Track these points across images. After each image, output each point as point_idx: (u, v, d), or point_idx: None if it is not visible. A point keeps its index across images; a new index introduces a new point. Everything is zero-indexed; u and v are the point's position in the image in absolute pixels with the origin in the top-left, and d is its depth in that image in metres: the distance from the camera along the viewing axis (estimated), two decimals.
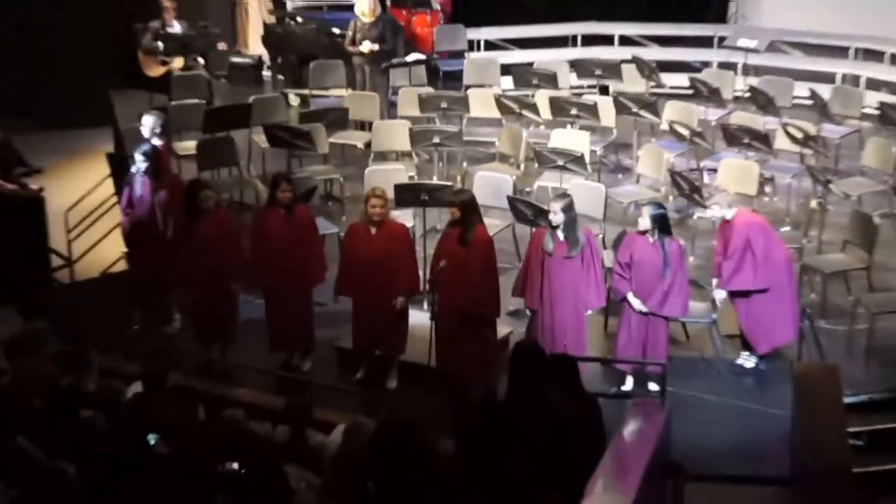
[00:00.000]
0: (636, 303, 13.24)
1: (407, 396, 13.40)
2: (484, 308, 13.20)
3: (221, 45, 22.53)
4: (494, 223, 15.75)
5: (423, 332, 13.53)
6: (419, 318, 13.89)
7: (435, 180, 17.48)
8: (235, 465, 9.78)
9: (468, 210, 13.21)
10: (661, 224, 13.22)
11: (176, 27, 21.36)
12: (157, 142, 15.23)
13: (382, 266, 13.43)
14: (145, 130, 15.76)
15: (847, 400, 12.39)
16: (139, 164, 14.78)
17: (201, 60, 21.43)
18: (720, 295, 13.80)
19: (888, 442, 13.10)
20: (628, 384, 13.41)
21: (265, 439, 10.78)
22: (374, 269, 13.44)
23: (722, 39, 22.51)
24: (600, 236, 15.22)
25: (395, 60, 20.32)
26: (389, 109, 19.92)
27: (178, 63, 21.18)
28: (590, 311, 13.31)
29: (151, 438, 9.91)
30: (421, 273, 14.13)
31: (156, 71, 21.26)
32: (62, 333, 12.83)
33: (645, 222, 13.19)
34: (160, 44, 21.21)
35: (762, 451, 12.69)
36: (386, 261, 13.43)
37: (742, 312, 13.74)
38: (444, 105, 19.12)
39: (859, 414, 12.96)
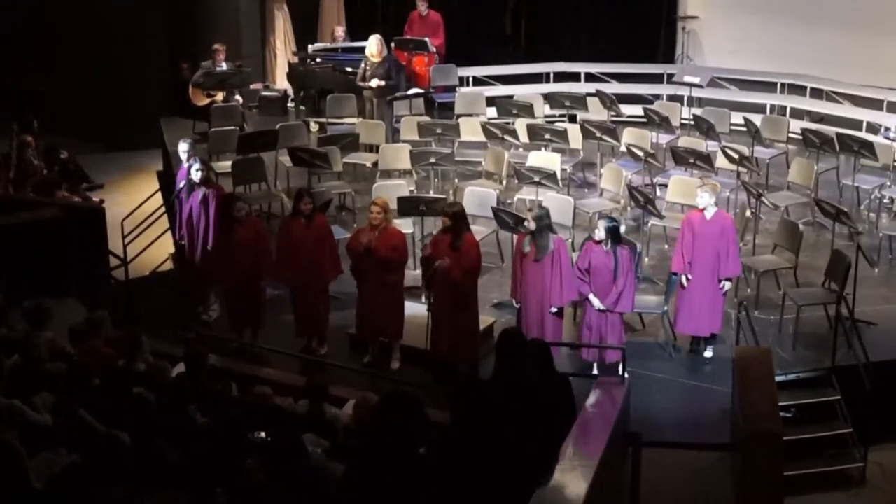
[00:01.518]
0: (595, 302, 13.16)
1: (408, 375, 13.29)
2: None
3: (255, 85, 22.51)
4: (481, 230, 15.75)
5: (421, 321, 13.45)
6: (418, 309, 13.77)
7: (431, 194, 17.41)
8: (263, 434, 9.67)
9: (458, 219, 13.17)
10: (614, 235, 13.13)
11: (223, 66, 21.32)
12: (195, 163, 15.13)
13: (379, 263, 13.37)
14: (180, 152, 15.75)
15: (778, 378, 12.32)
16: (195, 172, 14.89)
17: (239, 98, 21.37)
18: (728, 285, 13.68)
19: (812, 413, 13.07)
20: (595, 370, 13.27)
21: (288, 412, 10.68)
22: (375, 266, 13.40)
23: (671, 76, 22.39)
24: (569, 241, 15.11)
25: (398, 94, 20.29)
26: (393, 135, 19.84)
27: (219, 95, 21.14)
28: (554, 309, 13.14)
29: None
30: (417, 272, 14.01)
31: (202, 101, 21.22)
32: (118, 322, 12.72)
33: (601, 233, 13.10)
34: (203, 79, 21.18)
35: (707, 422, 12.66)
36: (382, 259, 13.36)
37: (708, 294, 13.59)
38: (438, 131, 19.09)
39: (788, 390, 12.95)
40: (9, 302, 12.73)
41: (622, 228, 14.40)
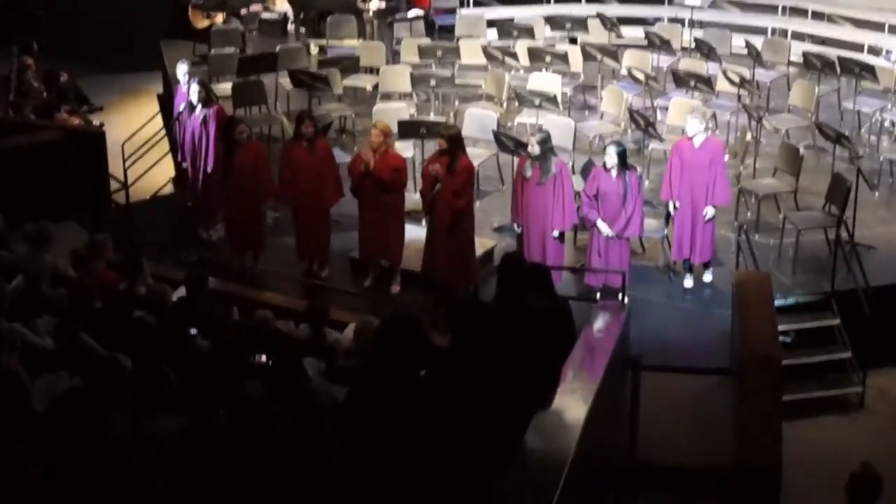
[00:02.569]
0: (605, 228, 13.06)
1: (408, 299, 13.29)
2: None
3: (256, 6, 22.38)
4: (481, 153, 15.73)
5: (422, 245, 13.47)
6: (419, 233, 13.75)
7: (432, 117, 17.36)
8: (264, 358, 9.68)
9: (454, 142, 13.09)
10: (623, 160, 13.04)
11: None
12: (193, 84, 15.08)
13: (379, 186, 13.34)
14: (179, 74, 15.67)
15: (777, 302, 12.36)
16: (194, 94, 14.90)
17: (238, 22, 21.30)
18: (712, 212, 13.54)
19: (811, 338, 13.08)
20: (598, 297, 13.25)
21: (289, 335, 10.69)
22: (376, 189, 13.39)
23: None
24: (570, 164, 15.06)
25: (398, 16, 20.20)
26: (394, 57, 19.74)
27: (219, 18, 21.03)
28: (556, 233, 13.12)
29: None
30: (417, 195, 13.98)
31: (202, 24, 21.11)
32: (119, 245, 12.70)
33: (612, 159, 12.97)
34: (202, 0, 21.09)
35: (706, 347, 12.65)
36: (382, 182, 13.33)
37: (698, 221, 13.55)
38: (439, 53, 19.01)
39: (788, 314, 12.94)
40: (9, 225, 12.70)
41: None
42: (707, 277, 13.80)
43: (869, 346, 12.80)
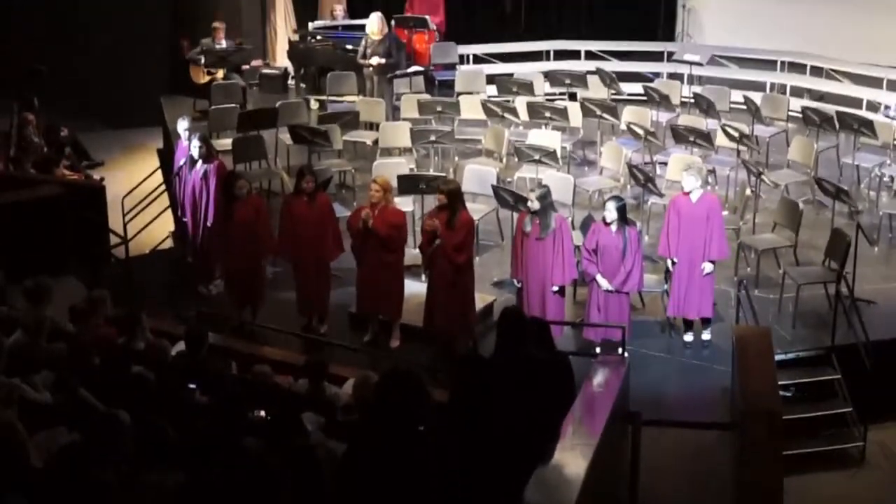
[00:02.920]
0: (604, 283, 13.07)
1: (408, 354, 13.27)
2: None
3: (256, 62, 22.46)
4: (481, 208, 15.76)
5: (421, 299, 13.46)
6: (418, 287, 13.76)
7: (431, 172, 17.39)
8: (262, 413, 9.65)
9: (453, 197, 13.15)
10: (623, 215, 13.05)
11: (223, 44, 21.33)
12: (194, 140, 15.10)
13: (378, 242, 13.37)
14: (180, 130, 15.73)
15: (778, 357, 12.34)
16: (195, 149, 14.93)
17: (239, 77, 21.34)
18: (710, 267, 13.53)
19: (812, 392, 13.06)
20: (598, 351, 13.23)
21: (288, 390, 10.66)
22: (376, 245, 13.39)
23: (671, 54, 22.37)
24: (570, 219, 15.08)
25: (398, 72, 20.25)
26: (393, 112, 19.80)
27: (220, 73, 21.12)
28: (556, 287, 13.11)
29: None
30: (417, 250, 13.98)
31: (202, 79, 21.19)
32: (118, 300, 12.69)
33: (612, 214, 13.00)
34: (202, 56, 21.16)
35: (707, 401, 12.66)
36: (382, 238, 13.36)
37: (695, 277, 13.53)
38: (439, 109, 19.02)
39: (788, 369, 12.95)
40: (9, 280, 12.70)
41: None
42: (706, 336, 13.76)
43: (870, 400, 12.77)
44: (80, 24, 22.87)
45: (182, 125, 15.66)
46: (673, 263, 13.56)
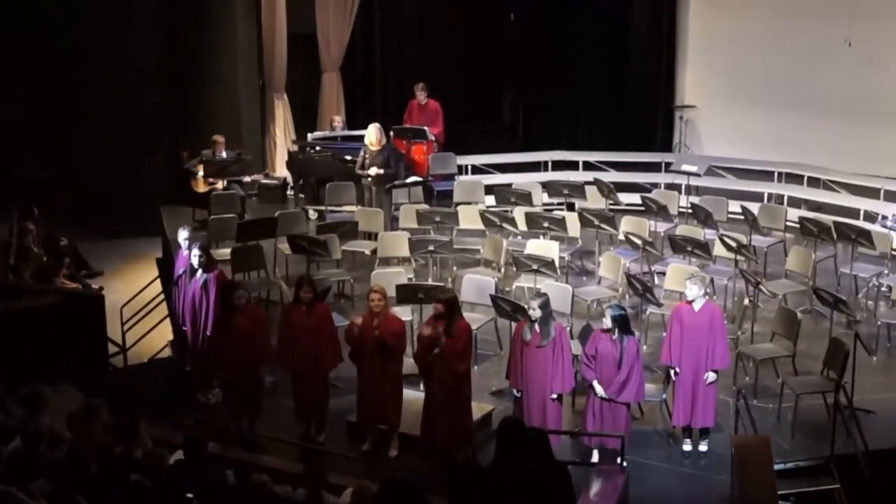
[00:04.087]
0: (599, 390, 13.11)
1: (406, 463, 13.25)
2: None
3: (256, 176, 22.60)
4: (479, 317, 15.80)
5: (419, 408, 13.45)
6: (416, 396, 13.77)
7: (430, 281, 17.44)
8: None
9: (451, 306, 13.23)
10: (621, 324, 13.11)
11: (224, 155, 21.47)
12: (194, 249, 15.17)
13: (378, 350, 13.40)
14: (180, 239, 15.79)
15: (777, 467, 12.33)
16: (195, 258, 14.98)
17: (239, 188, 21.53)
18: (713, 376, 13.56)
19: (812, 502, 13.01)
20: (595, 457, 13.21)
21: (286, 499, 10.64)
22: (375, 353, 13.40)
23: (668, 165, 22.52)
24: (568, 328, 15.11)
25: (397, 182, 20.37)
26: (392, 222, 19.90)
27: (220, 184, 21.25)
28: (554, 395, 13.13)
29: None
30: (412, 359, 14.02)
31: (202, 188, 21.33)
32: (116, 408, 12.70)
33: (607, 322, 13.08)
34: (200, 167, 21.29)
35: None
36: (387, 346, 13.40)
37: (699, 386, 13.55)
38: (437, 219, 19.15)
39: (788, 479, 12.89)
40: (7, 388, 12.72)
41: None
42: (703, 447, 13.73)
43: None
44: (80, 133, 23.05)
45: (182, 234, 15.74)
46: (675, 373, 13.58)
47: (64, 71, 23.05)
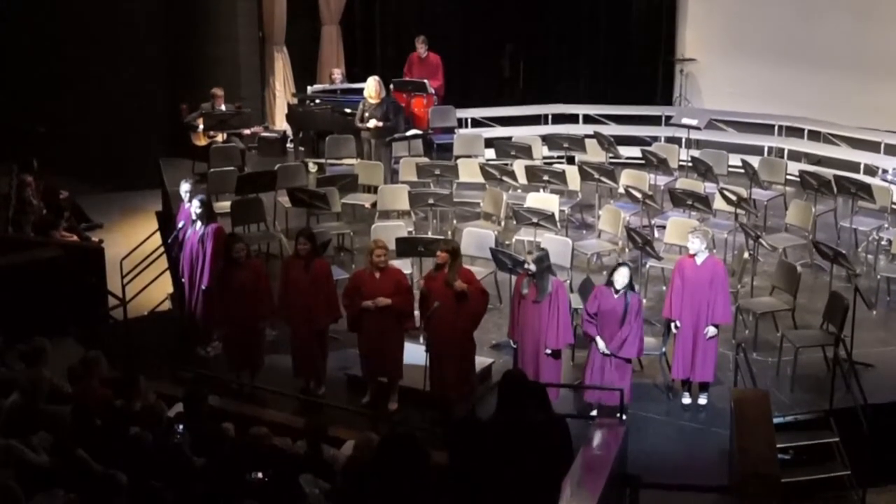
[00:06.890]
0: (601, 345, 13.10)
1: (406, 416, 13.26)
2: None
3: (256, 129, 22.51)
4: (479, 271, 15.73)
5: (418, 362, 13.42)
6: (415, 350, 13.76)
7: (430, 235, 17.42)
8: (260, 475, 9.65)
9: (455, 255, 13.27)
10: (630, 280, 13.11)
11: (223, 109, 21.39)
12: (195, 201, 15.11)
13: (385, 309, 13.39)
14: (182, 192, 15.73)
15: (776, 420, 12.37)
16: (196, 209, 14.90)
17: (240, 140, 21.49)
18: (713, 331, 13.55)
19: (810, 456, 13.04)
20: (594, 413, 13.22)
21: (286, 452, 10.66)
22: (380, 308, 13.38)
23: (668, 118, 22.44)
24: (568, 282, 15.10)
25: (396, 135, 20.32)
26: (392, 176, 19.86)
27: (220, 136, 21.20)
28: (548, 350, 13.12)
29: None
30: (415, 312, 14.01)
31: (202, 141, 21.27)
32: (117, 362, 12.71)
33: (623, 280, 13.01)
34: (200, 120, 21.23)
35: (705, 464, 12.62)
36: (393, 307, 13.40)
37: (699, 340, 13.56)
38: (437, 172, 19.10)
39: (786, 432, 12.92)
40: (7, 342, 12.72)
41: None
42: (702, 400, 13.75)
43: (868, 464, 12.75)
44: (80, 86, 22.97)
45: (184, 187, 15.68)
46: (676, 327, 13.57)
47: (63, 27, 22.94)
